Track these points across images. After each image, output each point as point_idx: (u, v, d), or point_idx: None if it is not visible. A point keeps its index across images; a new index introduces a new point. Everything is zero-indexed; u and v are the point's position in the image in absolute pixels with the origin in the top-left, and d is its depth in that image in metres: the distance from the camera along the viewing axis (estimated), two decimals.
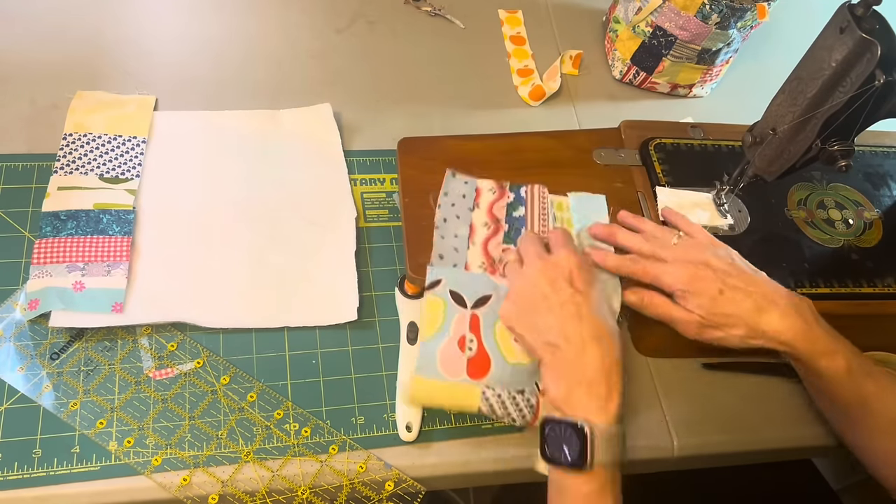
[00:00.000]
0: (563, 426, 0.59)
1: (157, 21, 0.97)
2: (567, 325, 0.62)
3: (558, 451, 0.59)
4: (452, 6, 1.08)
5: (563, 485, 0.60)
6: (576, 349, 0.61)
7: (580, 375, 0.61)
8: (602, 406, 0.60)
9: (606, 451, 0.59)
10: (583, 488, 0.59)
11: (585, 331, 0.62)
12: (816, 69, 0.66)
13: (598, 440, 0.58)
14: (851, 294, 0.78)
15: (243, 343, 0.73)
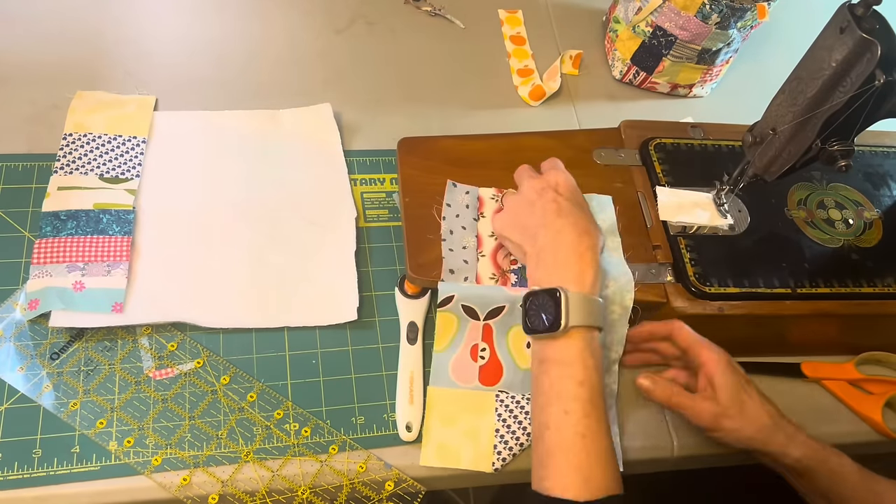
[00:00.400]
0: (541, 295, 0.63)
1: (157, 21, 0.97)
2: (547, 218, 0.67)
3: (537, 319, 0.62)
4: (452, 6, 1.08)
5: (545, 354, 0.62)
6: (552, 234, 0.65)
7: (555, 255, 0.64)
8: (576, 278, 0.63)
9: (581, 313, 0.61)
10: (562, 354, 0.61)
11: (563, 220, 0.66)
12: (816, 69, 0.66)
13: (573, 302, 0.61)
14: (851, 294, 0.78)
15: (243, 343, 0.73)
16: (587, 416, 0.58)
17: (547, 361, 0.62)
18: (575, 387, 0.59)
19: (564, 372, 0.60)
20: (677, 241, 0.78)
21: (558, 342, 0.61)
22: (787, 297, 0.77)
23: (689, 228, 0.79)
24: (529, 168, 0.74)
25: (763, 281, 0.76)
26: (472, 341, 0.72)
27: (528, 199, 0.70)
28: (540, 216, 0.67)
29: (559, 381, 0.60)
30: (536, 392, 0.62)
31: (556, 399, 0.60)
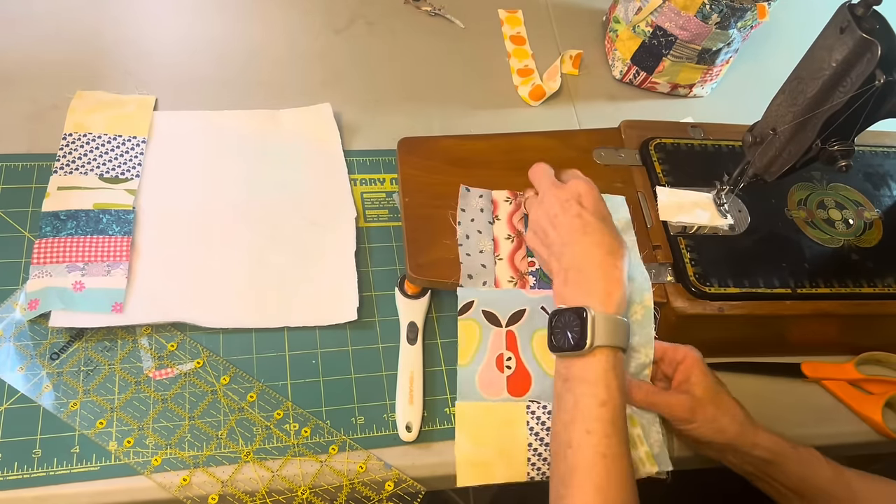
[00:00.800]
0: (567, 314, 0.63)
1: (157, 21, 0.97)
2: (573, 235, 0.66)
3: (563, 337, 0.62)
4: (452, 6, 1.08)
5: (570, 372, 0.62)
6: (579, 252, 0.65)
7: (582, 274, 0.64)
8: (602, 299, 0.63)
9: (607, 333, 0.61)
10: (586, 373, 0.61)
11: (588, 238, 0.66)
12: (816, 69, 0.66)
13: (599, 322, 0.61)
14: (851, 294, 0.78)
15: (243, 343, 0.73)
16: (608, 437, 0.59)
17: (571, 380, 0.62)
18: (597, 407, 0.59)
19: (588, 391, 0.60)
20: (677, 241, 0.78)
21: (583, 361, 0.61)
22: (787, 297, 0.77)
23: (690, 228, 0.79)
24: (549, 172, 0.73)
25: (763, 281, 0.76)
26: (497, 351, 0.71)
27: (552, 211, 0.69)
28: (565, 232, 0.67)
29: (582, 400, 0.60)
30: (559, 409, 0.62)
31: (578, 418, 0.60)
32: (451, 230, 0.77)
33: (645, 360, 0.70)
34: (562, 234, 0.67)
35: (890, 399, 0.79)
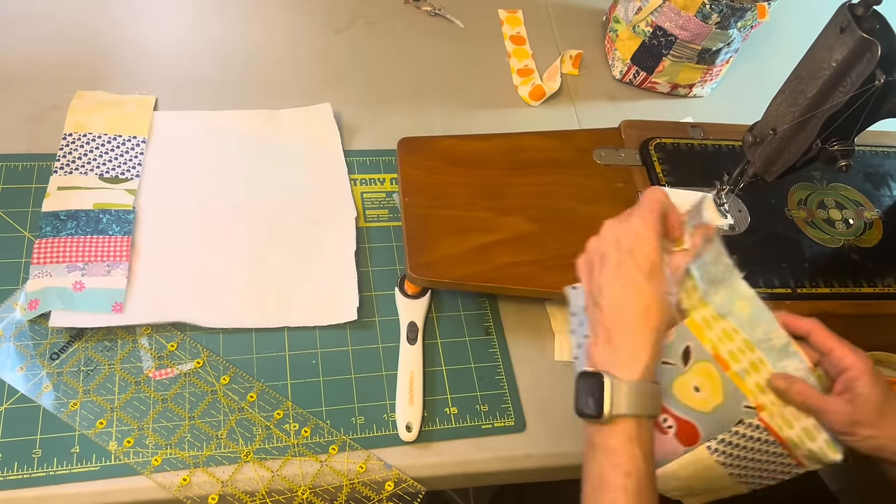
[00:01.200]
0: (590, 378, 0.60)
1: (157, 22, 0.97)
2: (612, 287, 0.62)
3: (585, 402, 0.60)
4: (452, 6, 1.08)
5: (594, 440, 0.60)
6: (613, 311, 0.62)
7: (611, 333, 0.61)
8: (627, 363, 0.60)
9: (629, 402, 0.59)
10: (609, 442, 0.59)
11: (626, 295, 0.62)
12: (816, 69, 0.66)
13: (621, 392, 0.58)
14: (851, 294, 0.78)
15: (243, 343, 0.73)
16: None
17: (595, 447, 0.60)
18: (622, 477, 0.58)
19: (611, 461, 0.59)
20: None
21: (605, 429, 0.59)
22: (787, 297, 0.77)
23: None
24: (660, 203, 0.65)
25: (763, 281, 0.76)
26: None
27: (602, 249, 0.64)
28: (606, 280, 0.62)
29: (606, 470, 0.58)
30: (586, 476, 0.60)
31: (603, 487, 0.58)
32: (451, 230, 0.76)
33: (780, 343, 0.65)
34: (602, 279, 0.63)
35: None
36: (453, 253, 0.75)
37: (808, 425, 0.65)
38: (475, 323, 0.78)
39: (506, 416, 0.73)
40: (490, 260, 0.75)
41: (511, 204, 0.80)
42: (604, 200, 0.82)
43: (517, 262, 0.76)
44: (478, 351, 0.77)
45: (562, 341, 0.78)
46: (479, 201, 0.80)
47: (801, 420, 0.65)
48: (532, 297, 0.77)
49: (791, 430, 0.66)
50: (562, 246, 0.77)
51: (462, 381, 0.74)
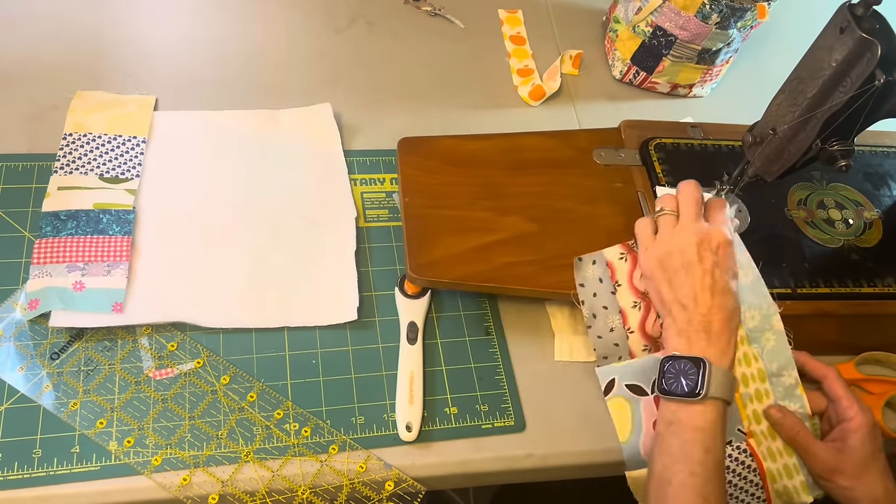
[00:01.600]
0: (684, 361, 0.65)
1: (157, 22, 0.97)
2: (701, 292, 0.67)
3: (676, 383, 0.64)
4: (452, 6, 1.08)
5: (677, 417, 0.64)
6: (703, 311, 0.67)
7: (703, 329, 0.66)
8: (718, 355, 0.65)
9: (721, 386, 0.64)
10: (696, 420, 0.63)
11: (715, 300, 0.67)
12: (816, 69, 0.66)
13: (715, 375, 0.64)
14: (851, 294, 0.78)
15: (243, 343, 0.73)
16: (710, 481, 0.61)
17: (678, 423, 0.64)
18: (703, 453, 0.62)
19: (696, 437, 0.62)
20: None
21: (694, 408, 0.63)
22: (787, 297, 0.77)
23: None
24: (697, 199, 0.72)
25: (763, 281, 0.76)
26: (651, 418, 0.70)
27: (688, 257, 0.68)
28: (693, 285, 0.67)
29: (689, 445, 0.62)
30: (661, 450, 0.64)
31: (683, 460, 0.62)
32: (451, 230, 0.77)
33: (791, 382, 0.70)
34: (688, 283, 0.68)
35: (890, 399, 0.79)
36: (453, 253, 0.75)
37: (789, 463, 0.69)
38: (475, 323, 0.78)
39: (506, 416, 0.73)
40: (490, 260, 0.75)
41: (511, 204, 0.80)
42: (604, 200, 0.82)
43: (517, 262, 0.76)
44: (478, 351, 0.77)
45: (562, 341, 0.78)
46: (479, 201, 0.80)
47: (784, 457, 0.69)
48: (532, 297, 0.77)
49: (773, 463, 0.69)
50: (562, 246, 0.77)
51: (462, 381, 0.74)
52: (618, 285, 0.74)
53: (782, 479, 0.69)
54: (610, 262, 0.75)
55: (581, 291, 0.74)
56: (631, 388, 0.72)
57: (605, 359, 0.73)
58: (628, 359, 0.73)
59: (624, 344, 0.73)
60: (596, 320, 0.74)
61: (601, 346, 0.73)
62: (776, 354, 0.70)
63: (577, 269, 0.75)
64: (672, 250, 0.69)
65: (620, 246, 0.76)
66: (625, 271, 0.75)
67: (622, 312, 0.74)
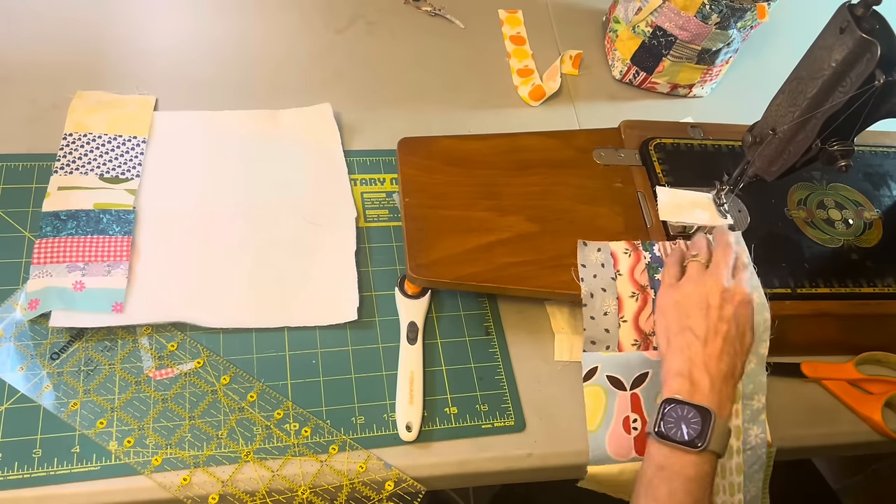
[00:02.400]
0: (688, 408, 0.63)
1: (158, 21, 0.97)
2: (714, 336, 0.66)
3: (676, 429, 0.63)
4: (452, 6, 1.08)
5: (669, 462, 0.62)
6: (710, 352, 0.65)
7: (706, 371, 0.65)
8: (720, 404, 0.64)
9: (721, 441, 0.62)
10: (689, 470, 0.62)
11: (726, 348, 0.66)
12: (816, 69, 0.66)
13: (719, 430, 0.62)
14: (851, 294, 0.78)
15: (243, 343, 0.73)
16: None
17: (669, 470, 0.62)
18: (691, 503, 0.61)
19: (687, 487, 0.61)
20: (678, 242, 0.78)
21: (688, 458, 0.62)
22: (787, 297, 0.77)
23: (689, 228, 0.79)
24: (729, 257, 0.71)
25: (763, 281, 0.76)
26: (623, 414, 0.71)
27: (709, 300, 0.67)
28: (712, 326, 0.66)
29: (679, 494, 0.61)
30: (647, 494, 0.62)
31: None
32: (451, 230, 0.77)
33: (759, 406, 0.71)
34: (708, 325, 0.66)
35: (890, 399, 0.79)
36: (453, 253, 0.75)
37: (735, 482, 0.70)
38: (475, 323, 0.78)
39: (506, 416, 0.73)
40: (490, 260, 0.75)
41: (511, 204, 0.80)
42: (603, 200, 0.82)
43: (517, 262, 0.76)
44: (478, 351, 0.77)
45: (562, 341, 0.78)
46: (479, 201, 0.80)
47: (733, 476, 0.70)
48: (532, 297, 0.77)
49: (721, 479, 0.71)
50: (562, 246, 0.77)
51: (462, 381, 0.74)
52: (619, 274, 0.75)
53: (724, 494, 0.70)
54: (614, 253, 0.76)
55: (581, 271, 0.75)
56: (611, 379, 0.72)
57: (592, 344, 0.74)
58: (616, 350, 0.73)
59: (614, 333, 0.74)
60: (593, 300, 0.74)
61: (592, 328, 0.74)
62: (753, 377, 0.71)
63: (581, 250, 0.76)
64: (694, 293, 0.68)
65: (626, 243, 0.77)
66: (627, 265, 0.76)
67: (619, 299, 0.74)
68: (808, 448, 0.79)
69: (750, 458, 0.70)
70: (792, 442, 0.77)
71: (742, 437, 0.70)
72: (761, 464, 0.70)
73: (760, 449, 0.70)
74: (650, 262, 0.76)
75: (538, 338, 0.78)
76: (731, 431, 0.64)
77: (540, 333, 0.79)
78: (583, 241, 0.77)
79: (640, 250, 0.76)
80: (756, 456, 0.70)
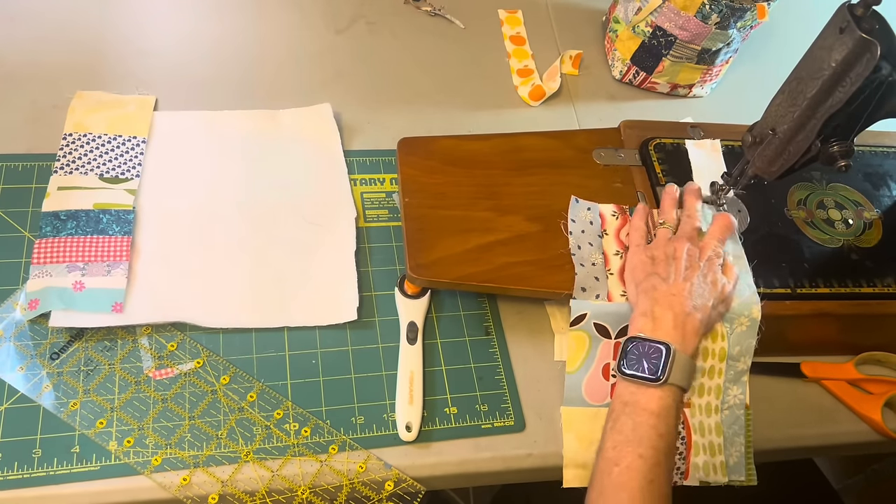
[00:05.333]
0: (648, 344, 0.66)
1: (158, 21, 0.97)
2: (679, 280, 0.69)
3: (638, 365, 0.65)
4: (452, 6, 1.08)
5: (635, 398, 0.65)
6: (674, 291, 0.68)
7: (669, 307, 0.67)
8: (683, 340, 0.66)
9: (683, 373, 0.65)
10: (652, 404, 0.64)
11: (691, 291, 0.68)
12: (816, 69, 0.66)
13: (679, 361, 0.64)
14: (851, 294, 0.78)
15: (243, 343, 0.73)
16: (658, 465, 0.61)
17: (633, 405, 0.64)
18: (656, 437, 0.62)
19: (650, 421, 0.63)
20: None
21: (651, 392, 0.64)
22: (787, 297, 0.77)
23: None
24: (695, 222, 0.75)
25: (763, 281, 0.76)
26: (604, 360, 0.73)
27: (675, 255, 0.71)
28: (679, 273, 0.69)
29: (643, 428, 0.63)
30: (613, 429, 0.64)
31: (634, 442, 0.62)
32: (451, 230, 0.77)
33: (743, 368, 0.72)
34: (674, 270, 0.69)
35: (890, 399, 0.79)
36: (453, 253, 0.75)
37: (715, 442, 0.71)
38: (475, 323, 0.78)
39: (505, 416, 0.73)
40: (490, 260, 0.75)
41: (511, 204, 0.80)
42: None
43: (517, 262, 0.76)
44: (478, 351, 0.77)
45: (561, 341, 0.78)
46: (479, 201, 0.80)
47: (713, 435, 0.71)
48: (532, 297, 0.77)
49: (701, 438, 0.72)
50: (561, 246, 0.77)
51: (462, 381, 0.74)
52: (605, 233, 0.78)
53: (705, 454, 0.71)
54: (602, 214, 0.80)
55: (571, 225, 0.78)
56: (598, 327, 0.73)
57: (583, 290, 0.74)
58: (605, 300, 0.74)
59: (603, 282, 0.75)
60: (580, 251, 0.76)
61: (582, 274, 0.75)
62: (742, 339, 0.72)
63: (572, 207, 0.79)
64: (662, 251, 0.72)
65: (615, 206, 0.81)
66: (614, 226, 0.79)
67: (605, 255, 0.77)
68: (808, 448, 0.79)
69: (728, 419, 0.71)
70: (792, 442, 0.77)
71: (721, 397, 0.71)
72: (740, 425, 0.72)
73: (739, 409, 0.72)
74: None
75: (538, 338, 0.78)
76: (695, 366, 0.66)
77: (540, 333, 0.79)
78: (575, 198, 0.80)
79: (627, 214, 0.80)
80: (734, 416, 0.71)
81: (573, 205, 0.79)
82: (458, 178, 0.81)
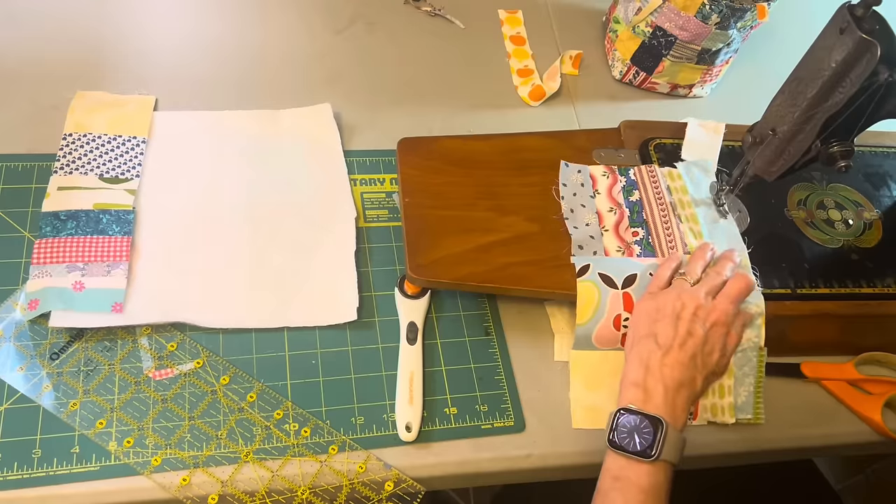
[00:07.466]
0: (640, 417, 0.63)
1: (158, 21, 0.97)
2: (678, 348, 0.66)
3: (629, 440, 0.63)
4: (452, 6, 1.08)
5: (625, 474, 0.63)
6: (669, 363, 0.65)
7: (661, 382, 0.65)
8: (674, 413, 0.64)
9: (674, 450, 0.62)
10: (643, 480, 0.62)
11: (686, 362, 0.66)
12: (816, 69, 0.66)
13: (671, 439, 0.62)
14: (851, 294, 0.78)
15: (243, 343, 0.73)
16: None
17: (624, 480, 0.62)
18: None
19: (640, 498, 0.61)
20: None
21: (642, 468, 0.62)
22: (787, 297, 0.77)
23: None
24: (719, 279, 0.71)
25: (763, 281, 0.77)
26: (615, 311, 0.73)
27: (680, 312, 0.68)
28: (677, 338, 0.66)
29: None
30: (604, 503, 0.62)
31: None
32: (451, 230, 0.77)
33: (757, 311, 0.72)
34: (674, 336, 0.66)
35: (890, 399, 0.79)
36: (453, 253, 0.75)
37: (725, 384, 0.72)
38: (475, 323, 0.78)
39: (505, 417, 0.73)
40: (490, 260, 0.75)
41: (511, 204, 0.80)
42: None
43: (517, 262, 0.76)
44: (477, 351, 0.77)
45: (562, 341, 0.78)
46: (479, 201, 0.80)
47: (723, 379, 0.72)
48: (532, 297, 0.77)
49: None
50: (561, 246, 0.77)
51: (462, 382, 0.74)
52: (597, 193, 0.80)
53: (714, 397, 0.72)
54: (593, 175, 0.82)
55: (562, 189, 0.80)
56: (603, 277, 0.73)
57: (580, 248, 0.76)
58: (603, 256, 0.76)
59: (599, 239, 0.77)
60: (573, 214, 0.78)
61: (578, 235, 0.77)
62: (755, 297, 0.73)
63: (563, 171, 0.82)
64: (669, 303, 0.69)
65: (604, 167, 0.84)
66: (605, 185, 0.81)
67: (598, 213, 0.79)
68: (808, 448, 0.79)
69: (740, 360, 0.72)
70: (792, 442, 0.77)
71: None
72: (752, 366, 0.72)
73: (752, 352, 0.72)
74: (625, 185, 0.81)
75: (538, 338, 0.78)
76: (685, 441, 0.63)
77: (540, 333, 0.79)
78: (565, 163, 0.83)
79: (617, 174, 0.82)
80: (746, 358, 0.72)
81: (563, 169, 0.82)
82: (458, 178, 0.81)
